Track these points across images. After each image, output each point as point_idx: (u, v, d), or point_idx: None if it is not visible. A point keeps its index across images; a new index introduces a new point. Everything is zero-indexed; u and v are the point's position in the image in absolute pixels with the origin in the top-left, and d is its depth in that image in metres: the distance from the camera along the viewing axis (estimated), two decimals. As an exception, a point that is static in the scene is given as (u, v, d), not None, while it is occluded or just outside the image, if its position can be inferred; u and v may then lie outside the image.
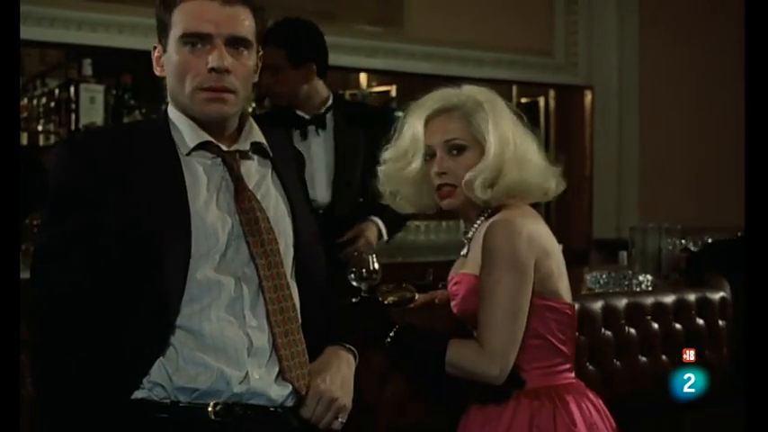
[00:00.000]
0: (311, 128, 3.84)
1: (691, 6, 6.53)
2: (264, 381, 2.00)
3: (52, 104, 4.88)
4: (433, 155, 2.39)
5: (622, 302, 3.02)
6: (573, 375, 2.43)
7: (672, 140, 6.53)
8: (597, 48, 6.56)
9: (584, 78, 6.56)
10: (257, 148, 2.14)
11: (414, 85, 4.36)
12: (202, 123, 2.07)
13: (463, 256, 2.46)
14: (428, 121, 2.40)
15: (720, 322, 3.23)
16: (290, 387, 2.04)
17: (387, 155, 2.46)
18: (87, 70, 4.83)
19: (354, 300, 2.73)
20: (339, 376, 2.11)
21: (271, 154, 2.16)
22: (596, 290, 3.16)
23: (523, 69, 6.27)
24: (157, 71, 2.11)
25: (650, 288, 3.20)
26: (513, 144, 2.35)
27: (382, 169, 2.47)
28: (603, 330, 2.96)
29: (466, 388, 2.40)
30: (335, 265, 2.60)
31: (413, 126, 2.40)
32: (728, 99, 6.22)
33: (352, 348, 2.19)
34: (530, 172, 2.36)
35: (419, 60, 5.84)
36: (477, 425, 2.38)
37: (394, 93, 6.02)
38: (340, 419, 2.10)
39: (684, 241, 3.69)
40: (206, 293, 1.98)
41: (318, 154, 3.73)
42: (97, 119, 4.78)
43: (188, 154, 2.05)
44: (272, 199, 2.12)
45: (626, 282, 3.21)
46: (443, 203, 2.41)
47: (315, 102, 4.00)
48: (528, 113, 2.51)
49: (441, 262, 3.81)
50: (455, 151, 2.37)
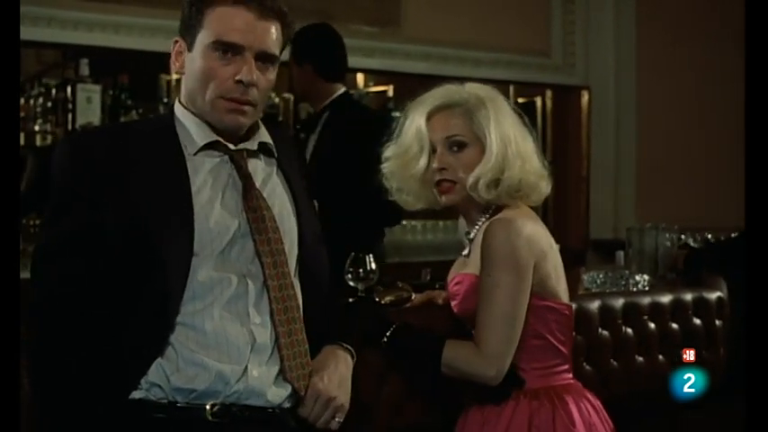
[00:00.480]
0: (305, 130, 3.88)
1: (688, 6, 6.53)
2: (263, 380, 2.00)
3: (49, 104, 4.88)
4: (434, 150, 2.39)
5: (619, 302, 3.03)
6: (571, 376, 2.43)
7: (669, 141, 6.54)
8: (594, 48, 6.56)
9: (581, 79, 6.56)
10: (263, 148, 2.14)
11: (411, 86, 4.35)
12: (213, 125, 2.07)
13: (464, 256, 2.45)
14: (430, 117, 2.39)
15: (717, 322, 3.23)
16: (290, 388, 2.04)
17: (389, 152, 2.45)
18: (84, 70, 4.83)
19: (351, 300, 2.73)
20: (337, 376, 2.11)
21: (276, 154, 2.16)
22: (593, 290, 3.16)
23: (520, 69, 6.27)
24: (175, 66, 2.09)
25: (647, 288, 3.20)
26: (515, 142, 2.34)
27: (386, 166, 2.46)
28: (600, 330, 2.96)
29: (463, 388, 2.40)
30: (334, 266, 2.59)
31: (415, 122, 2.40)
32: (726, 99, 6.23)
33: (350, 348, 2.18)
34: (530, 171, 2.36)
35: (416, 60, 5.84)
36: (475, 425, 2.38)
37: (391, 93, 6.03)
38: (337, 419, 2.10)
39: (684, 236, 3.68)
40: (209, 292, 1.98)
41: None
42: (94, 119, 4.77)
43: (195, 153, 2.05)
44: (278, 198, 2.12)
45: (623, 282, 3.21)
46: (442, 199, 2.40)
47: (315, 103, 4.03)
48: (525, 114, 2.50)
49: (437, 262, 3.82)
50: (456, 148, 2.36)
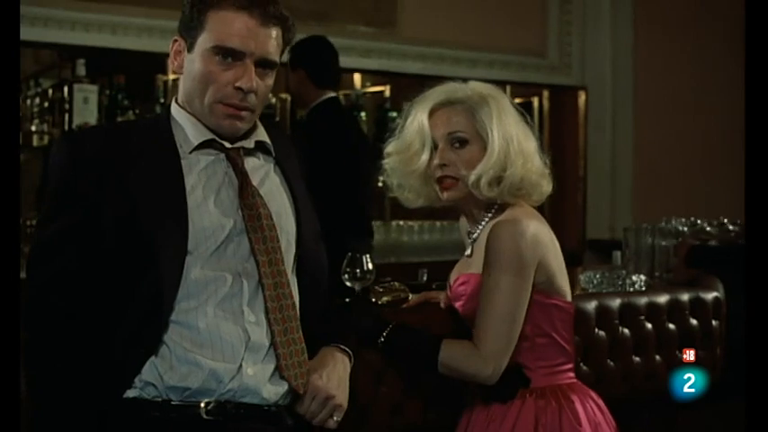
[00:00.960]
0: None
1: (684, 7, 6.54)
2: (258, 378, 1.99)
3: (46, 105, 4.89)
4: (436, 147, 2.37)
5: (616, 302, 3.02)
6: (574, 375, 2.42)
7: (665, 141, 6.55)
8: (591, 48, 6.57)
9: (577, 79, 6.57)
10: (261, 146, 2.14)
11: (408, 86, 4.37)
12: (209, 127, 2.07)
13: (467, 257, 2.44)
14: (432, 114, 2.38)
15: (714, 322, 3.23)
16: (286, 385, 2.03)
17: (391, 148, 2.44)
18: (81, 70, 4.83)
19: (348, 300, 2.73)
20: (336, 375, 2.10)
21: (273, 153, 2.16)
22: (590, 290, 3.16)
23: (517, 70, 6.28)
24: (173, 65, 2.09)
25: (644, 288, 3.20)
26: (517, 140, 2.34)
27: (387, 162, 2.45)
28: (597, 330, 2.96)
29: (467, 387, 2.40)
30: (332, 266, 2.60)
31: (417, 118, 2.39)
32: (722, 99, 6.24)
33: (348, 351, 2.17)
34: (532, 169, 2.35)
35: (413, 61, 5.85)
36: (480, 424, 2.36)
37: (388, 93, 6.03)
38: (335, 418, 2.09)
39: (700, 222, 3.66)
40: (203, 290, 1.97)
41: None
42: (91, 119, 4.78)
43: (191, 152, 2.05)
44: (275, 196, 2.12)
45: (619, 282, 3.21)
46: (444, 196, 2.38)
47: (305, 106, 4.12)
48: (522, 114, 2.51)
49: (434, 262, 3.82)
50: (457, 144, 2.35)
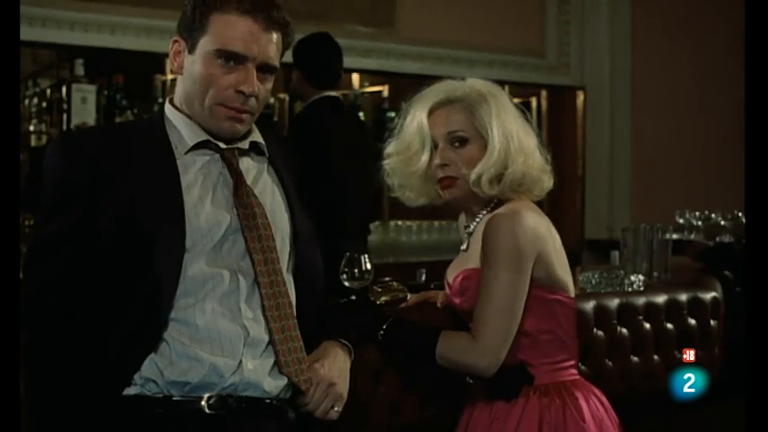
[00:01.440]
0: None
1: (683, 7, 6.55)
2: (258, 372, 2.00)
3: (44, 105, 4.89)
4: (436, 146, 2.36)
5: (614, 302, 3.02)
6: (577, 371, 2.41)
7: (664, 141, 6.55)
8: (589, 48, 6.58)
9: (576, 79, 6.58)
10: (255, 147, 2.15)
11: (406, 86, 4.36)
12: (207, 129, 2.07)
13: (463, 251, 2.43)
14: (431, 113, 2.37)
15: (712, 322, 3.23)
16: (286, 379, 2.03)
17: (390, 148, 2.43)
18: (79, 70, 4.84)
19: (346, 299, 2.72)
20: (336, 366, 2.12)
21: (267, 153, 2.16)
22: (588, 290, 3.16)
23: (515, 70, 6.28)
24: (173, 66, 2.09)
25: (642, 288, 3.19)
26: (517, 137, 2.32)
27: (387, 163, 2.43)
28: (595, 330, 2.95)
29: (464, 386, 2.40)
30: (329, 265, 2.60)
31: (417, 118, 2.37)
32: (721, 99, 6.25)
33: (348, 345, 2.19)
34: (533, 166, 2.34)
35: (411, 61, 5.86)
36: (482, 422, 2.35)
37: (386, 93, 6.03)
38: (336, 408, 2.09)
39: (714, 215, 3.64)
40: (200, 287, 1.98)
41: None
42: (89, 119, 4.78)
43: (186, 152, 2.06)
44: (270, 195, 2.13)
45: (618, 282, 3.20)
46: (445, 194, 2.37)
47: (302, 103, 4.15)
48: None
49: (432, 262, 3.82)
50: (457, 143, 2.34)
